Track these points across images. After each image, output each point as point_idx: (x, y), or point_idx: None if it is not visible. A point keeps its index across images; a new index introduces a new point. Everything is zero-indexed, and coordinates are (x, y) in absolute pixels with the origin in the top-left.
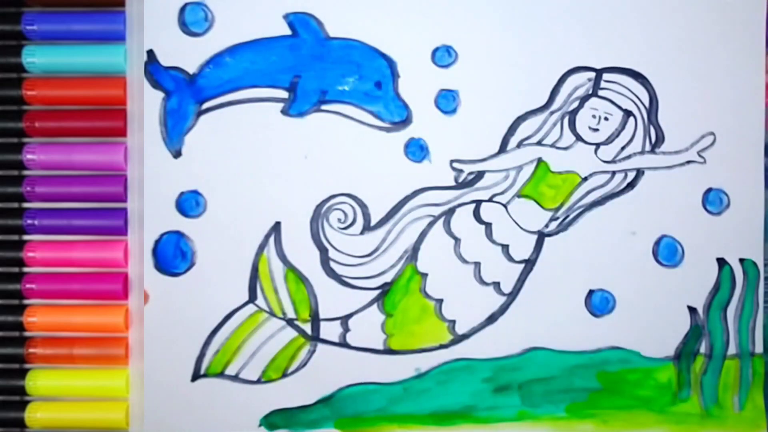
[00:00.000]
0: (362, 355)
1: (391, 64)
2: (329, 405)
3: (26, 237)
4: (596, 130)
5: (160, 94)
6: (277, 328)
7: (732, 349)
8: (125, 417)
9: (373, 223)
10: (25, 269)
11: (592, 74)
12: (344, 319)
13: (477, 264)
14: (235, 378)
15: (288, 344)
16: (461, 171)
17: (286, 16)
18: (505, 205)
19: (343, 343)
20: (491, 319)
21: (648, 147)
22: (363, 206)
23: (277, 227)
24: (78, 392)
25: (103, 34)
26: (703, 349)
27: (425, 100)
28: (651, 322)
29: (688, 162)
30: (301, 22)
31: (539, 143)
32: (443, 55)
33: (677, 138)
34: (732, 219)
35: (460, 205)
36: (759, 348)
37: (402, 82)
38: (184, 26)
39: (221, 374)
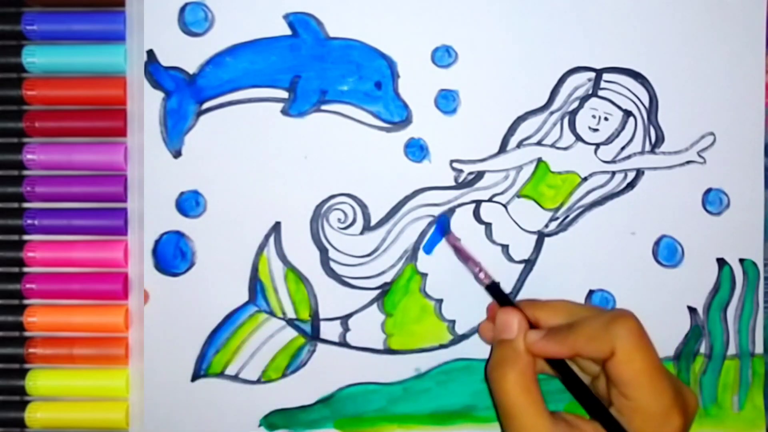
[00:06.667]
0: (362, 354)
1: (391, 64)
2: (329, 405)
3: (26, 237)
4: (596, 130)
5: (160, 94)
6: (277, 328)
7: (732, 350)
8: (125, 417)
9: (373, 223)
10: (25, 269)
11: (592, 74)
12: (344, 319)
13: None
14: (235, 378)
15: (288, 344)
16: (461, 171)
17: (286, 16)
18: (505, 205)
19: (343, 343)
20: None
21: (648, 147)
22: (363, 206)
23: (277, 227)
24: (78, 392)
25: (103, 34)
26: (702, 349)
27: (425, 100)
28: (651, 322)
29: (688, 162)
30: (301, 22)
31: (539, 143)
32: (443, 55)
33: (677, 138)
34: (732, 219)
35: (460, 205)
36: (759, 348)
37: (402, 82)
38: (184, 26)
39: (221, 374)
